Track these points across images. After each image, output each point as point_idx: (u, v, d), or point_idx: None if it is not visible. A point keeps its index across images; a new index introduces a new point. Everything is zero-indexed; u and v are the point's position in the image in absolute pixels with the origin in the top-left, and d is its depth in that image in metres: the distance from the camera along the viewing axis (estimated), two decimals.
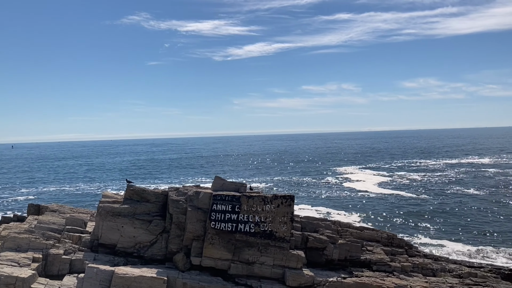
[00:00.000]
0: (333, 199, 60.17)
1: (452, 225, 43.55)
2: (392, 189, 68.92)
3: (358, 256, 24.11)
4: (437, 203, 56.11)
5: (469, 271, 24.65)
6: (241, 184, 24.06)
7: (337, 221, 30.21)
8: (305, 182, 79.92)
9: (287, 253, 21.94)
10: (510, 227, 41.92)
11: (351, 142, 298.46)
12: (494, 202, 55.51)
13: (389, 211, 51.40)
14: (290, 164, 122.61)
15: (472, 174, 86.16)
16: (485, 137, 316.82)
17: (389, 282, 21.10)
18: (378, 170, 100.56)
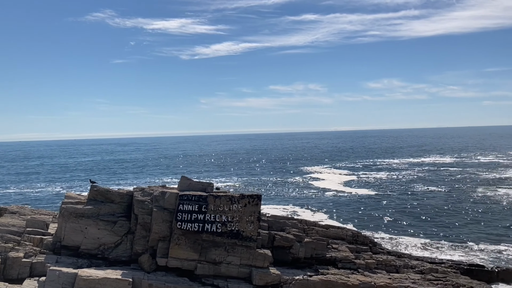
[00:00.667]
0: (300, 198, 60.74)
1: (414, 222, 44.70)
2: (357, 188, 70.15)
3: (324, 254, 24.43)
4: (400, 201, 57.50)
5: (430, 267, 25.36)
6: (208, 184, 23.98)
7: (304, 219, 30.53)
8: (272, 182, 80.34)
9: (254, 252, 22.01)
10: (468, 224, 43.38)
11: (317, 142, 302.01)
12: (454, 199, 57.34)
13: (355, 209, 52.31)
14: (257, 164, 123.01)
15: (434, 173, 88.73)
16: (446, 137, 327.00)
17: (354, 279, 21.49)
18: (344, 169, 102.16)
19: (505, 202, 54.08)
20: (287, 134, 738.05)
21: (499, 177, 78.71)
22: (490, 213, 48.12)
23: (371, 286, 21.06)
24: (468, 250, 34.60)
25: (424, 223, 44.34)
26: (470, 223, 43.86)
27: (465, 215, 47.40)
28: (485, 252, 34.00)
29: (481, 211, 49.47)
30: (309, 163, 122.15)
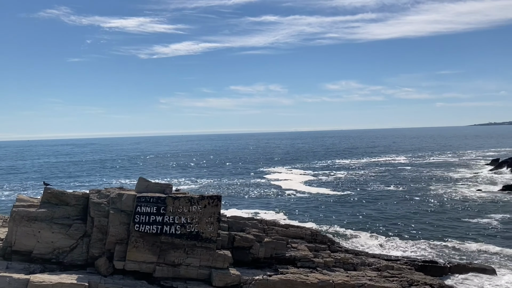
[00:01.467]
0: (261, 199, 60.98)
1: (371, 220, 45.77)
2: (317, 187, 71.15)
3: (284, 253, 24.63)
4: (358, 199, 58.75)
5: (386, 264, 26.05)
6: (167, 185, 23.70)
7: (264, 219, 30.70)
8: (233, 183, 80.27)
9: (214, 253, 21.92)
10: (422, 221, 44.83)
11: (278, 142, 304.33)
12: (409, 198, 59.17)
13: (314, 208, 53.02)
14: (218, 165, 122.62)
15: (390, 172, 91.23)
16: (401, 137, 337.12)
17: (312, 277, 21.77)
18: (304, 169, 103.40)
19: (456, 200, 56.25)
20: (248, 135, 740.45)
21: (450, 176, 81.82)
22: (442, 211, 49.92)
23: (329, 284, 21.40)
24: (422, 246, 35.73)
25: (381, 221, 45.47)
26: (424, 220, 45.33)
27: (419, 213, 48.97)
28: (437, 248, 35.21)
29: (434, 208, 51.26)
30: (269, 163, 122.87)
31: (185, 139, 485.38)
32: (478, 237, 38.10)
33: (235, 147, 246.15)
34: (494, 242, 36.56)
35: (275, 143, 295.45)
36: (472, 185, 68.93)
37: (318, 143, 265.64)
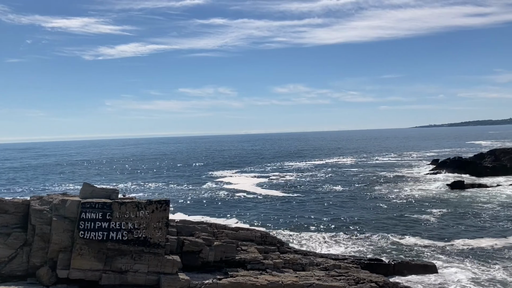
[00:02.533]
0: (211, 203, 60.67)
1: (321, 220, 46.67)
2: (267, 190, 71.71)
3: (233, 256, 24.63)
4: (307, 200, 59.78)
5: (334, 263, 26.64)
6: (113, 191, 23.09)
7: (214, 223, 30.55)
8: (182, 187, 79.40)
9: (162, 258, 21.58)
10: (369, 220, 46.22)
11: (229, 145, 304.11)
12: (356, 197, 60.91)
13: (264, 210, 53.41)
14: (167, 168, 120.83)
15: (337, 173, 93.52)
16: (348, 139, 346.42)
17: (262, 279, 21.91)
18: (255, 172, 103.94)
19: (399, 198, 58.46)
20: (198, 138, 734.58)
21: (393, 175, 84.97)
22: (387, 209, 51.71)
23: (278, 285, 21.61)
24: (369, 244, 36.86)
25: (329, 220, 46.47)
26: (370, 218, 46.78)
27: (365, 212, 50.49)
28: (383, 245, 36.44)
29: (379, 207, 53.02)
30: (220, 166, 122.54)
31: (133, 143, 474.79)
32: (420, 233, 39.79)
33: (185, 150, 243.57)
34: (434, 237, 38.33)
35: (226, 146, 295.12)
36: (414, 184, 71.92)
37: (268, 146, 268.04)
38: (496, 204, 52.99)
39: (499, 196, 58.39)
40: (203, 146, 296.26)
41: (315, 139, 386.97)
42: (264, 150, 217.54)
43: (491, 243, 36.26)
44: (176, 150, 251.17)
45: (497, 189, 64.39)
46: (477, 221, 44.54)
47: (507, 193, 60.12)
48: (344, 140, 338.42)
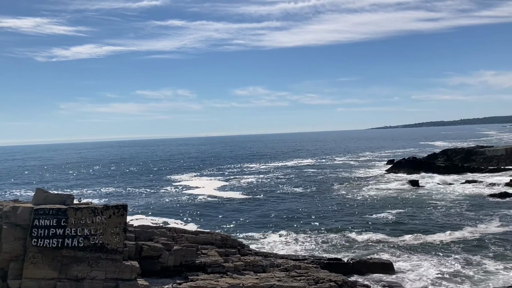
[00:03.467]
0: (171, 207, 59.91)
1: (282, 221, 47.01)
2: (227, 193, 71.57)
3: (194, 260, 24.40)
4: (268, 202, 60.10)
5: (294, 264, 26.88)
6: (68, 196, 22.37)
7: (173, 227, 30.21)
8: (141, 191, 78.04)
9: (120, 264, 21.08)
10: (329, 219, 46.98)
11: (188, 148, 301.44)
12: (316, 198, 61.78)
13: (225, 213, 53.27)
14: (125, 172, 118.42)
15: (297, 174, 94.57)
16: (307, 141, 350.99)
17: (223, 282, 21.81)
18: (215, 175, 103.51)
19: (357, 198, 59.75)
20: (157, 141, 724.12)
21: (351, 176, 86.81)
22: (345, 208, 52.74)
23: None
24: (329, 244, 37.47)
25: (290, 221, 46.88)
26: (330, 218, 47.55)
27: (325, 212, 51.28)
28: (343, 244, 37.13)
29: (338, 207, 53.99)
30: (179, 170, 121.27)
31: (90, 147, 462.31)
32: (378, 231, 40.82)
33: (143, 154, 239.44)
34: (391, 235, 39.43)
35: (185, 149, 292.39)
36: (371, 184, 73.69)
37: (229, 148, 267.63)
38: (449, 201, 55.16)
39: (451, 194, 60.77)
40: (162, 149, 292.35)
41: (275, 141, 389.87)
42: (224, 152, 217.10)
43: (445, 238, 37.78)
44: (134, 153, 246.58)
45: (449, 187, 66.94)
46: (431, 218, 46.18)
47: (458, 191, 62.63)
48: (304, 142, 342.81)
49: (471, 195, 59.64)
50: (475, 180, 71.82)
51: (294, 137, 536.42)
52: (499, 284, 26.77)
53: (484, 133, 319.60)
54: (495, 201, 54.77)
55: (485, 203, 53.36)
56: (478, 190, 62.81)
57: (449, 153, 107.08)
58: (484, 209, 49.71)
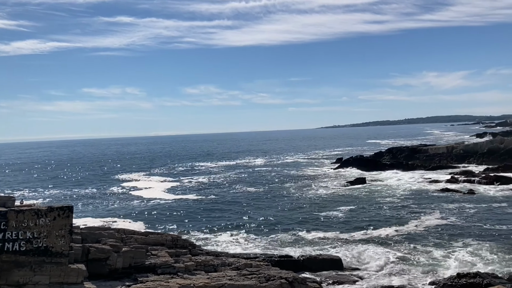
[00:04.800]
0: (120, 209, 58.44)
1: (233, 220, 47.00)
2: (178, 192, 70.76)
3: (143, 262, 23.94)
4: (219, 202, 59.92)
5: (245, 262, 26.94)
6: (8, 198, 21.32)
7: (122, 229, 29.48)
8: (88, 192, 75.64)
9: (66, 268, 20.33)
10: (280, 217, 47.47)
11: (138, 147, 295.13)
12: (267, 197, 62.30)
13: (176, 214, 52.59)
14: (71, 173, 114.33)
15: (249, 174, 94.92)
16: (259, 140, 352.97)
17: (173, 283, 21.53)
18: (165, 175, 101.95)
19: (307, 196, 60.79)
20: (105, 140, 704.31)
21: (301, 174, 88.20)
22: (296, 207, 53.49)
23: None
24: (280, 242, 37.85)
25: (241, 220, 46.98)
26: (281, 216, 48.06)
27: (276, 210, 51.78)
28: (293, 241, 37.62)
29: (289, 205, 54.68)
30: (129, 170, 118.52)
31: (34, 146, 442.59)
32: (327, 228, 41.72)
33: (91, 153, 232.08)
34: (340, 231, 40.41)
35: (135, 148, 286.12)
36: (320, 182, 75.20)
37: (180, 148, 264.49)
38: (395, 197, 57.29)
39: (396, 190, 63.08)
40: (111, 149, 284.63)
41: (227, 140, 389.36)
42: (175, 152, 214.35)
43: (391, 232, 39.32)
44: (81, 153, 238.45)
45: (395, 184, 69.45)
46: (378, 213, 47.77)
47: (403, 187, 65.15)
48: (255, 141, 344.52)
49: (415, 190, 62.18)
50: (418, 177, 74.96)
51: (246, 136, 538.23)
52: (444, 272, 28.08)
53: (427, 132, 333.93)
54: (437, 195, 57.45)
55: (428, 198, 55.84)
56: (422, 186, 65.59)
57: (394, 151, 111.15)
58: (427, 204, 52.04)
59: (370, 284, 27.22)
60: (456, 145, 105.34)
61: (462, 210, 47.95)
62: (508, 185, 62.72)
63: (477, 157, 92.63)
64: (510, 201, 51.61)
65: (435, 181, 69.32)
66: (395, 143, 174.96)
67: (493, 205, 50.44)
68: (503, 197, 54.75)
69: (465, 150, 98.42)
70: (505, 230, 38.61)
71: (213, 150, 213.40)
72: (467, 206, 49.67)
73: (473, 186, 63.13)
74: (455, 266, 29.70)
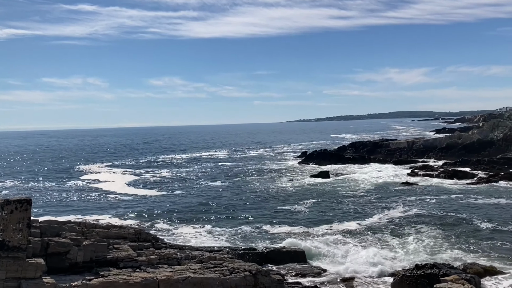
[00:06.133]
0: (80, 201, 57.15)
1: (196, 213, 46.76)
2: (140, 186, 69.81)
3: (105, 255, 23.52)
4: (182, 195, 59.51)
5: (209, 255, 26.92)
6: None
7: (83, 222, 28.88)
8: (47, 185, 73.49)
9: (23, 262, 19.72)
10: (244, 210, 47.61)
11: (99, 140, 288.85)
12: (231, 190, 62.35)
13: (139, 207, 51.87)
14: (29, 165, 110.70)
15: (213, 167, 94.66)
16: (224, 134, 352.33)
17: (136, 277, 21.26)
18: (128, 168, 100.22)
19: (271, 190, 61.22)
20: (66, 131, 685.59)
21: (266, 168, 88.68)
22: (260, 201, 53.79)
23: (153, 282, 21.17)
24: (244, 235, 37.99)
25: (204, 213, 46.82)
26: (244, 210, 48.21)
27: (239, 204, 51.91)
28: (257, 234, 37.83)
29: (253, 199, 54.93)
30: (90, 162, 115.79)
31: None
32: (291, 222, 42.14)
33: (51, 145, 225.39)
34: (304, 224, 40.90)
35: (97, 140, 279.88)
36: (284, 176, 75.88)
37: (143, 140, 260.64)
38: (358, 191, 58.50)
39: (359, 184, 64.41)
40: (71, 141, 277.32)
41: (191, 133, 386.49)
42: (138, 144, 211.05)
43: (355, 226, 40.13)
44: (40, 145, 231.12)
45: (358, 177, 70.86)
46: (341, 207, 48.63)
47: (366, 181, 66.54)
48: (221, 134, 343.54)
49: (377, 184, 63.67)
50: (380, 171, 76.79)
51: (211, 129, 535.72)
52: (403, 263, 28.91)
53: (389, 127, 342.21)
54: (399, 189, 59.05)
55: (390, 191, 57.32)
56: (384, 180, 67.21)
57: (357, 145, 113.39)
58: (389, 197, 53.43)
59: (332, 277, 27.76)
60: (417, 140, 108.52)
61: (422, 202, 49.52)
62: (465, 179, 65.17)
63: (436, 152, 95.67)
64: (467, 194, 53.65)
65: (396, 175, 71.22)
66: (358, 137, 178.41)
67: (451, 196, 52.38)
68: (461, 190, 56.86)
69: (425, 145, 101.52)
70: (461, 221, 40.15)
71: (177, 143, 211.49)
72: (426, 199, 51.31)
73: (432, 180, 65.23)
74: (414, 257, 30.65)
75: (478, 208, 45.87)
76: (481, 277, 26.27)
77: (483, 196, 51.78)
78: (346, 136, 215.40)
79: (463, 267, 27.17)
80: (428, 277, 24.98)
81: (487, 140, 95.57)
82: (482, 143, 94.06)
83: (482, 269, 27.22)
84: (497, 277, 26.65)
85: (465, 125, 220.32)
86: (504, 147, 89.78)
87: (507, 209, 45.24)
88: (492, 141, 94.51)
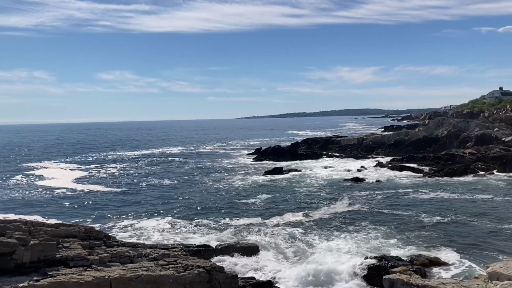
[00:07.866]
0: (25, 199, 54.84)
1: (149, 210, 46.08)
2: (90, 183, 67.88)
3: (54, 255, 22.75)
4: (134, 193, 58.45)
5: (163, 253, 26.61)
6: None
7: (30, 221, 27.73)
8: None
9: None
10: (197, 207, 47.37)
11: (46, 135, 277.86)
12: (183, 187, 61.85)
13: (88, 205, 50.48)
14: None
15: (164, 164, 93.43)
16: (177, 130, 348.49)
17: (87, 276, 20.72)
18: (75, 164, 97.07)
19: (225, 187, 61.26)
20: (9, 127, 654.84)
21: (219, 165, 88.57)
22: (213, 197, 53.67)
23: (105, 280, 20.70)
24: (198, 231, 37.83)
25: (159, 212, 46.20)
26: (197, 206, 47.95)
27: (193, 201, 51.59)
28: (211, 230, 37.76)
29: (206, 196, 54.74)
30: (34, 159, 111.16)
31: None
32: (246, 217, 42.35)
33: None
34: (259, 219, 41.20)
35: (43, 135, 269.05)
36: (238, 172, 76.07)
37: (92, 136, 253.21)
38: (309, 186, 59.63)
39: (311, 179, 65.60)
40: (15, 136, 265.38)
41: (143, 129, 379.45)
42: (87, 140, 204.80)
43: (306, 219, 40.96)
44: None
45: (310, 173, 72.17)
46: (294, 201, 49.43)
47: (317, 177, 67.88)
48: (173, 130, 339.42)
49: (328, 179, 65.11)
50: (332, 167, 78.54)
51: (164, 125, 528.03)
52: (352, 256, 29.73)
53: (340, 124, 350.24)
54: (348, 184, 60.61)
55: (340, 187, 58.75)
56: (334, 175, 68.81)
57: (309, 142, 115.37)
58: (338, 192, 54.77)
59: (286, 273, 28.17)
60: (366, 137, 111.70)
61: (370, 197, 51.14)
62: (412, 174, 67.88)
63: (384, 148, 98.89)
64: (413, 188, 55.86)
65: (347, 170, 73.10)
66: (311, 134, 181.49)
67: (398, 191, 54.42)
68: (407, 185, 59.13)
69: (374, 142, 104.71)
70: (408, 215, 41.81)
71: (128, 139, 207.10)
72: (374, 193, 53.01)
73: (380, 175, 67.42)
74: (363, 250, 31.60)
75: (423, 202, 47.90)
76: (427, 267, 27.55)
77: (428, 190, 54.08)
78: (300, 133, 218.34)
79: (410, 259, 28.33)
80: (377, 269, 25.90)
81: (432, 137, 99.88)
82: (428, 140, 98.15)
83: (428, 260, 28.54)
84: (441, 268, 28.05)
85: (412, 123, 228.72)
86: (448, 143, 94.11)
87: (450, 202, 47.53)
88: (437, 138, 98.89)
